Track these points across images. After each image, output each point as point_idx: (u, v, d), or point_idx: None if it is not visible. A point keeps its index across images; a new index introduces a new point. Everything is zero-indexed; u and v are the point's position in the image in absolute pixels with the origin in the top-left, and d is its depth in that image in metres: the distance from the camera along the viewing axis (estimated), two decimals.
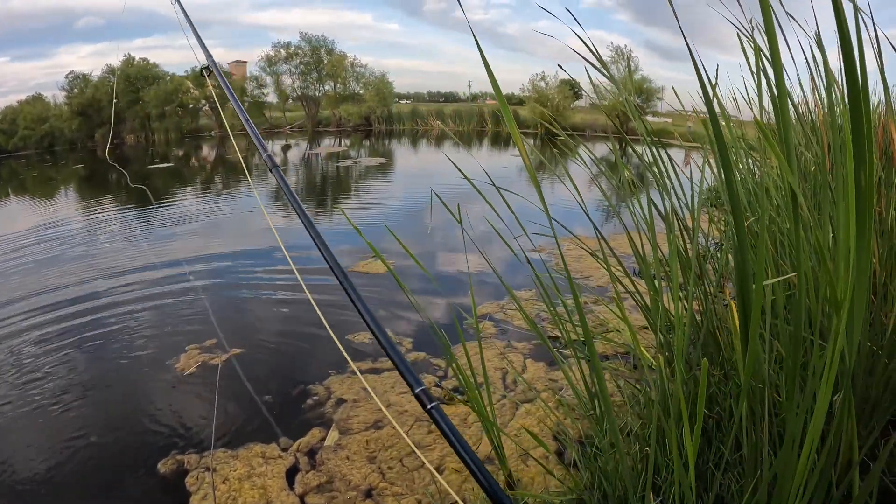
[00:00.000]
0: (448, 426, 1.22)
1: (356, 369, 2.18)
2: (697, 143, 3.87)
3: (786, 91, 1.04)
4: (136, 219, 9.48)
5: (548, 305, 2.18)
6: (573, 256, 5.70)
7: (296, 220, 7.01)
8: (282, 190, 1.64)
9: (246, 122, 1.82)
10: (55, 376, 3.56)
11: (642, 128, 2.16)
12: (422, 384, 1.27)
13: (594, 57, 2.15)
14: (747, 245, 1.05)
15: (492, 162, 16.27)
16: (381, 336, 1.35)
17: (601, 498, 1.89)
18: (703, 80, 0.98)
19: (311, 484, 2.50)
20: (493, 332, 3.98)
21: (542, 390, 3.15)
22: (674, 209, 2.15)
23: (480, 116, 32.30)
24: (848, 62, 0.79)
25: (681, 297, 1.96)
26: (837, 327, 0.96)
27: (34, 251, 7.02)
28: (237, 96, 2.07)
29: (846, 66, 0.80)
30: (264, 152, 1.69)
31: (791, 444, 1.13)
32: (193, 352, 3.84)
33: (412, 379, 1.27)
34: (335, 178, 15.13)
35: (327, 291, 4.88)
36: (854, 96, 0.80)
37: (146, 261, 6.26)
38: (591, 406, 2.25)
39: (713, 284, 2.32)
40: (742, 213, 0.98)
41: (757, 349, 1.02)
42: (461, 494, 2.36)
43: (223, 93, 1.99)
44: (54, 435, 2.95)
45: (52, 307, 4.78)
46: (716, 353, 2.14)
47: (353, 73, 34.34)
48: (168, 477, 2.59)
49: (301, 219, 1.57)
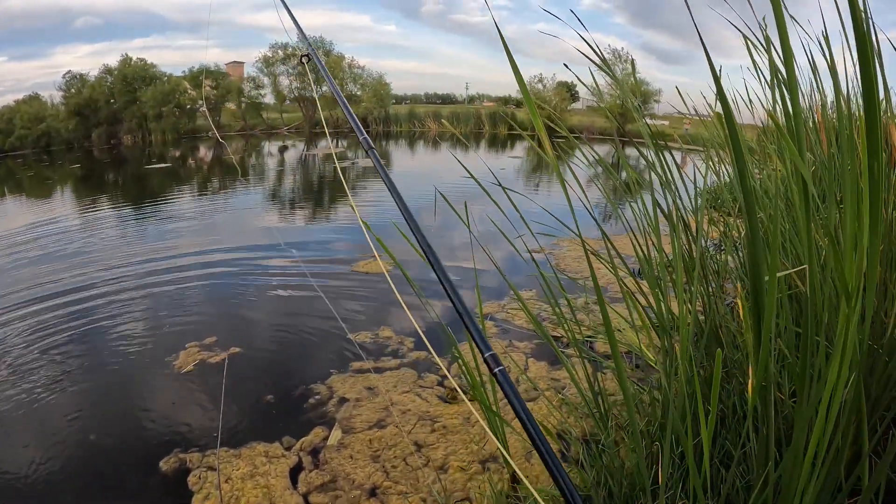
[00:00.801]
0: (513, 391, 1.23)
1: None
2: (696, 146, 3.90)
3: (797, 85, 1.05)
4: (133, 217, 9.46)
5: (552, 305, 2.19)
6: (573, 257, 5.72)
7: (297, 219, 6.99)
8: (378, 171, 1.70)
9: (346, 108, 1.93)
10: (52, 373, 3.56)
11: (646, 129, 2.18)
12: (491, 350, 1.28)
13: (598, 58, 2.16)
14: (760, 236, 1.07)
15: (490, 163, 16.18)
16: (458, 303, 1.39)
17: (606, 496, 1.90)
18: (718, 80, 0.99)
19: (314, 483, 2.50)
20: (494, 331, 3.99)
21: (545, 389, 3.16)
22: (678, 209, 2.17)
23: (478, 118, 32.33)
24: (863, 57, 0.81)
25: (685, 298, 1.98)
26: (849, 315, 0.98)
27: (30, 248, 7.01)
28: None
29: (861, 60, 0.81)
30: (361, 135, 1.79)
31: (803, 429, 1.15)
32: (193, 349, 3.84)
33: (483, 345, 1.30)
34: (332, 178, 15.13)
35: (332, 291, 4.94)
36: (868, 89, 0.82)
37: (144, 258, 6.26)
38: (594, 405, 2.26)
39: (714, 285, 2.34)
40: (754, 204, 1.00)
41: (771, 330, 1.03)
42: (466, 493, 2.37)
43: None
44: (53, 433, 2.95)
45: (49, 303, 4.77)
46: (719, 349, 2.15)
47: (351, 75, 34.35)
48: (170, 476, 2.59)
49: (395, 200, 1.64)
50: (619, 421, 2.43)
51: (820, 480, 1.26)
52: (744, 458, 1.73)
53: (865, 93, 0.83)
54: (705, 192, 2.18)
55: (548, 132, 1.39)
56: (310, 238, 7.54)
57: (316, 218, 9.39)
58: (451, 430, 2.83)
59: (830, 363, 1.05)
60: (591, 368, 2.43)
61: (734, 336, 2.21)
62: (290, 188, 13.45)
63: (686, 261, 2.18)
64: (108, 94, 28.51)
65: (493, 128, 31.42)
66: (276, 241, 6.87)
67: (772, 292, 0.98)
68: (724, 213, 3.26)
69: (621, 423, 2.42)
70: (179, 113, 30.21)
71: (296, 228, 8.34)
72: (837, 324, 1.09)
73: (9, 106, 27.58)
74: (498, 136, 29.76)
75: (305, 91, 33.48)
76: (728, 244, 2.70)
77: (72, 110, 27.61)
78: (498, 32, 1.24)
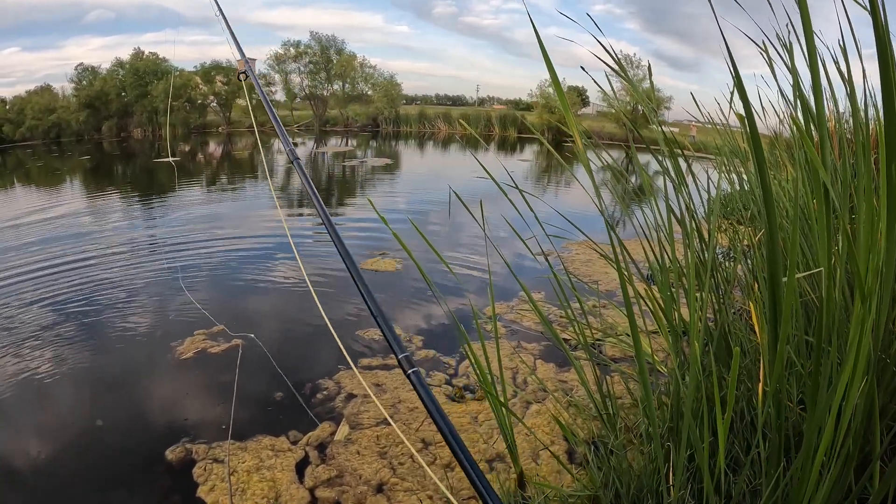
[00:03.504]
0: (427, 393, 1.25)
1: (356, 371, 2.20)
2: (706, 153, 3.91)
3: (822, 92, 1.07)
4: (142, 209, 9.50)
5: (565, 308, 2.21)
6: (581, 260, 5.73)
7: (307, 215, 6.99)
8: (301, 181, 1.73)
9: (275, 120, 1.98)
10: (58, 359, 3.60)
11: (661, 136, 2.19)
12: (405, 351, 1.31)
13: (615, 62, 2.18)
14: (778, 239, 1.08)
15: (500, 166, 16.17)
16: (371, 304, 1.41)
17: (614, 497, 1.91)
18: (743, 91, 1.00)
19: (321, 478, 2.51)
20: (502, 332, 4.00)
21: (553, 391, 3.17)
22: (693, 216, 2.18)
23: (488, 120, 32.34)
24: (883, 61, 0.82)
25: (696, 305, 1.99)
26: (864, 315, 0.99)
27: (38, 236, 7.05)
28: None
29: (881, 65, 0.83)
30: (287, 146, 1.82)
31: (816, 427, 1.16)
32: (199, 336, 3.88)
33: (396, 346, 1.32)
34: (341, 177, 15.18)
35: (337, 286, 4.95)
36: (888, 93, 0.84)
37: (153, 248, 6.30)
38: (602, 407, 2.27)
39: (723, 291, 2.35)
40: (774, 207, 1.01)
41: (788, 332, 1.05)
42: (472, 492, 2.38)
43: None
44: (58, 419, 2.99)
45: (57, 288, 4.81)
46: (727, 356, 2.17)
47: (363, 74, 34.44)
48: (175, 466, 2.61)
49: (317, 208, 1.66)
50: (627, 423, 2.44)
51: (828, 485, 1.27)
52: (750, 463, 1.74)
53: (885, 98, 0.85)
54: (718, 198, 2.19)
55: (558, 136, 1.41)
56: (318, 237, 7.57)
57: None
58: (458, 428, 2.84)
59: (843, 366, 1.06)
60: (599, 371, 2.44)
61: (741, 342, 2.22)
62: (298, 185, 13.49)
63: (699, 267, 2.19)
64: (119, 88, 28.66)
65: (503, 130, 31.43)
66: (282, 238, 6.89)
67: (790, 290, 0.99)
68: (734, 220, 3.27)
69: (630, 426, 2.43)
70: (190, 108, 30.34)
71: (302, 226, 8.37)
72: (849, 327, 1.10)
73: (20, 96, 27.76)
74: (507, 139, 29.77)
75: (316, 89, 33.59)
76: (738, 252, 2.71)
77: (83, 102, 27.74)
78: (539, 43, 1.26)
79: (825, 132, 1.08)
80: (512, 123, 31.64)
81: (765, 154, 2.68)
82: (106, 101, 28.06)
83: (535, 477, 2.39)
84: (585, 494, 1.97)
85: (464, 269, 5.52)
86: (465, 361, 3.54)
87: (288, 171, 16.38)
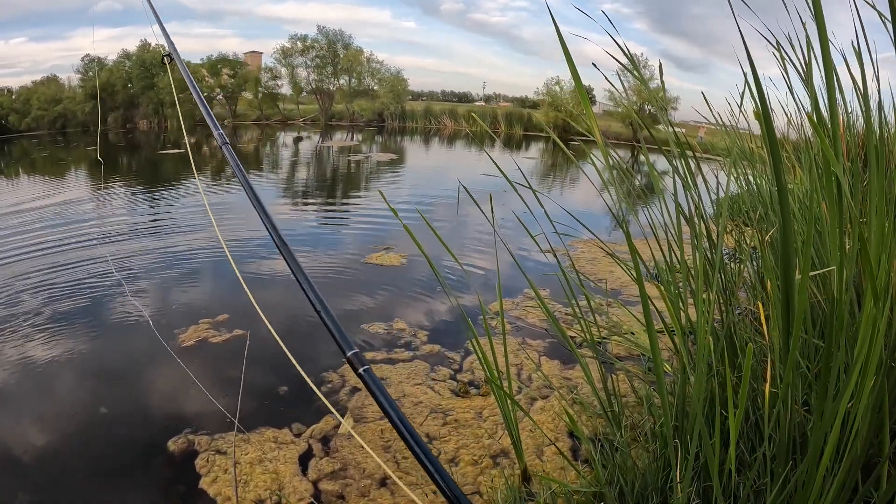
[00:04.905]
0: (381, 391, 1.25)
1: (330, 407, 2.20)
2: (711, 154, 3.90)
3: (835, 92, 1.07)
4: (145, 199, 9.51)
5: (573, 306, 2.21)
6: (587, 258, 5.73)
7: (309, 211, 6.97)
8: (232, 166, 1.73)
9: (203, 105, 1.98)
10: (60, 346, 3.62)
11: (672, 136, 2.19)
12: (354, 348, 1.29)
13: (627, 60, 2.17)
14: (792, 238, 1.08)
15: (504, 163, 16.16)
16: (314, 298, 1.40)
17: (618, 495, 1.92)
18: (760, 88, 1.01)
19: (324, 470, 2.52)
20: (507, 329, 4.00)
21: (558, 387, 3.18)
22: (702, 217, 2.18)
23: (494, 118, 32.29)
24: None
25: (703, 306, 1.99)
26: (875, 315, 0.99)
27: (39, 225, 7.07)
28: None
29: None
30: (216, 130, 1.85)
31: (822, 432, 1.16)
32: (203, 326, 3.89)
33: (344, 343, 1.31)
34: (346, 171, 15.19)
35: (344, 281, 4.96)
36: None
37: (161, 236, 6.30)
38: (607, 404, 2.28)
39: (731, 292, 2.35)
40: (789, 204, 1.01)
41: (801, 326, 1.05)
42: (476, 486, 2.39)
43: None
44: (60, 407, 3.00)
45: (57, 276, 4.82)
46: (733, 356, 2.17)
47: (369, 69, 34.42)
48: (178, 457, 2.61)
49: (248, 193, 1.65)
50: (632, 421, 2.45)
51: (836, 487, 1.27)
52: (753, 462, 1.74)
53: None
54: (727, 199, 2.19)
55: (564, 134, 1.41)
56: (323, 230, 7.59)
57: (327, 210, 9.41)
58: (462, 423, 2.85)
59: (853, 367, 1.06)
60: (604, 369, 2.45)
61: (746, 342, 2.22)
62: (303, 178, 13.50)
63: (707, 267, 2.19)
64: (125, 79, 28.67)
65: (509, 128, 31.39)
66: (286, 232, 6.89)
67: (803, 288, 0.99)
68: (740, 222, 3.27)
69: (635, 423, 2.43)
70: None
71: (307, 222, 8.37)
72: (860, 328, 1.10)
73: (26, 87, 27.80)
74: (513, 137, 29.71)
75: (322, 83, 33.58)
76: (744, 253, 2.71)
77: (89, 93, 27.72)
78: (560, 41, 1.25)
79: (837, 132, 1.08)
80: (518, 121, 31.58)
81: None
82: (112, 93, 28.05)
83: (540, 473, 2.40)
84: (590, 491, 1.98)
85: (467, 265, 5.52)
86: (469, 357, 3.55)
87: (292, 164, 16.41)
